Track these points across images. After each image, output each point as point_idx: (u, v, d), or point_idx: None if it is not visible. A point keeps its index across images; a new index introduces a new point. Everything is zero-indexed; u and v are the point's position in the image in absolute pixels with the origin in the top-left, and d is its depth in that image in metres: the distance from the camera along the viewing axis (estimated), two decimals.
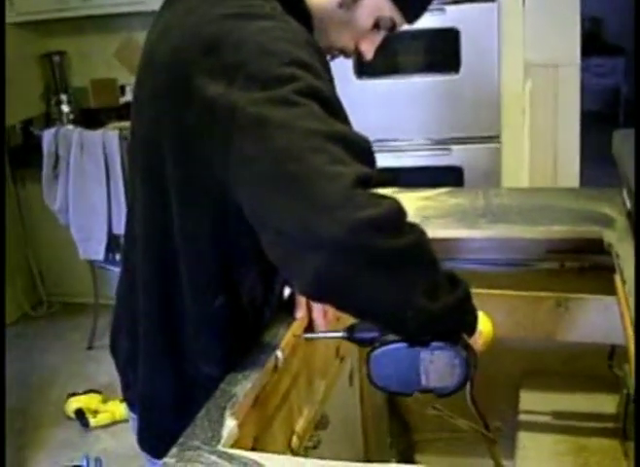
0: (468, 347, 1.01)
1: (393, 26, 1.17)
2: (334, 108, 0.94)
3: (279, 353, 1.19)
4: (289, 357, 1.23)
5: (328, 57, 1.14)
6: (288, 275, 0.96)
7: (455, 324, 1.00)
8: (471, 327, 1.05)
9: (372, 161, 0.94)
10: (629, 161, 1.73)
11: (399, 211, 0.89)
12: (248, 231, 0.95)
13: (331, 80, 1.02)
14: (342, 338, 1.15)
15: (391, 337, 1.02)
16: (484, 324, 1.11)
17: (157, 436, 1.22)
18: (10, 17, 3.90)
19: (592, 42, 7.41)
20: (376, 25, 1.16)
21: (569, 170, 3.45)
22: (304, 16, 1.10)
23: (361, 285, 0.88)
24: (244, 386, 1.09)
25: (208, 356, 1.16)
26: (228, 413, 1.03)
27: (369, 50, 1.19)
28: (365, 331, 1.09)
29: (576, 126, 3.42)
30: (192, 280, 1.11)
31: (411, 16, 1.18)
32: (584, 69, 3.46)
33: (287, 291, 1.34)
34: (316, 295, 0.96)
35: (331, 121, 0.92)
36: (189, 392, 1.17)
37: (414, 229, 0.91)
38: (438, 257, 0.94)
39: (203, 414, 1.04)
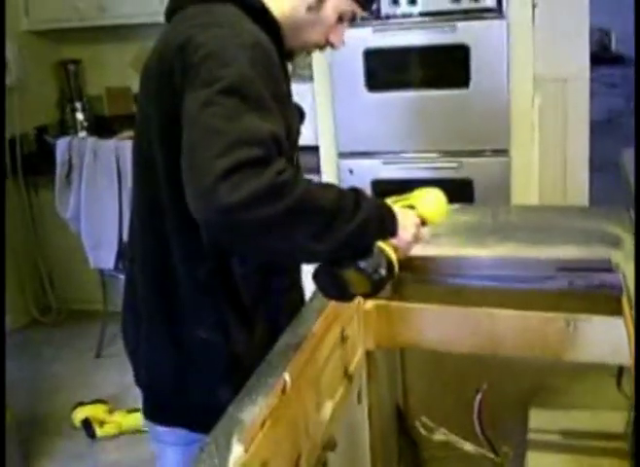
0: (378, 255, 1.19)
1: (354, 16, 1.38)
2: (250, 99, 1.09)
3: (287, 377, 1.20)
4: (297, 379, 1.24)
5: (304, 54, 1.44)
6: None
7: (358, 247, 1.17)
8: (384, 235, 1.21)
9: (268, 145, 1.07)
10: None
11: (270, 184, 1.03)
12: None
13: (269, 72, 1.17)
14: None
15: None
16: (423, 204, 1.32)
17: (159, 403, 1.40)
18: (26, 26, 3.94)
19: (601, 53, 7.41)
20: (340, 19, 1.35)
21: (578, 183, 3.45)
22: (272, 25, 1.29)
23: (251, 247, 1.11)
24: (252, 411, 1.10)
25: (202, 322, 1.30)
26: (235, 438, 1.04)
27: (338, 40, 1.38)
28: None
29: (585, 139, 3.41)
30: (182, 249, 1.28)
31: (368, 5, 1.40)
32: (593, 79, 3.46)
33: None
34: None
35: (239, 115, 1.07)
36: (187, 358, 1.32)
37: (293, 188, 1.06)
38: (327, 199, 1.11)
39: (212, 441, 1.05)
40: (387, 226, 1.22)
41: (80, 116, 4.10)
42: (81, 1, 3.77)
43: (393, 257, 1.21)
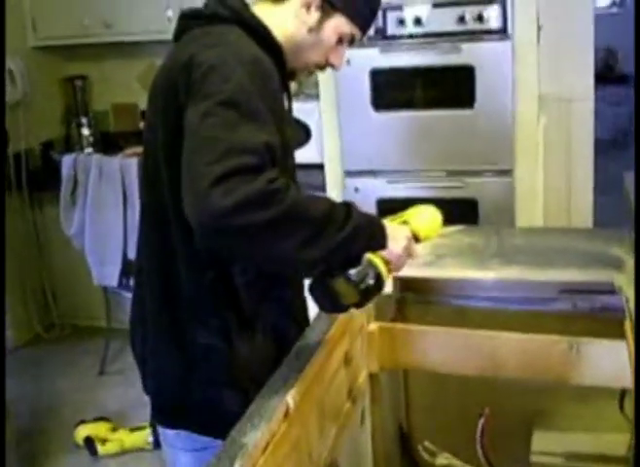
0: (367, 266, 1.22)
1: (353, 38, 1.43)
2: (248, 111, 1.15)
3: (290, 400, 1.20)
4: (300, 402, 1.24)
5: (305, 74, 1.48)
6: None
7: (347, 256, 1.21)
8: (373, 245, 1.24)
9: (262, 154, 1.12)
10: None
11: (262, 191, 1.07)
12: None
13: (267, 88, 1.22)
14: None
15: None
16: (417, 220, 1.35)
17: (166, 407, 1.43)
18: (33, 41, 3.96)
19: (607, 72, 7.44)
20: (340, 40, 1.41)
21: (583, 204, 3.45)
22: (274, 47, 1.34)
23: (242, 251, 1.15)
24: (254, 436, 1.10)
25: (205, 327, 1.34)
26: (238, 463, 1.04)
27: (338, 61, 1.44)
28: None
29: (590, 160, 3.42)
30: (185, 257, 1.32)
31: (366, 27, 1.44)
32: (598, 99, 3.48)
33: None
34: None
35: (236, 125, 1.13)
36: (192, 364, 1.36)
37: (285, 196, 1.10)
38: (317, 208, 1.15)
39: (215, 465, 1.05)
40: (377, 237, 1.26)
41: (85, 131, 4.10)
42: (87, 18, 3.79)
43: (382, 267, 1.24)
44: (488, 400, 1.88)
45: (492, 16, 2.81)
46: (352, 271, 1.22)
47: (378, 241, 1.25)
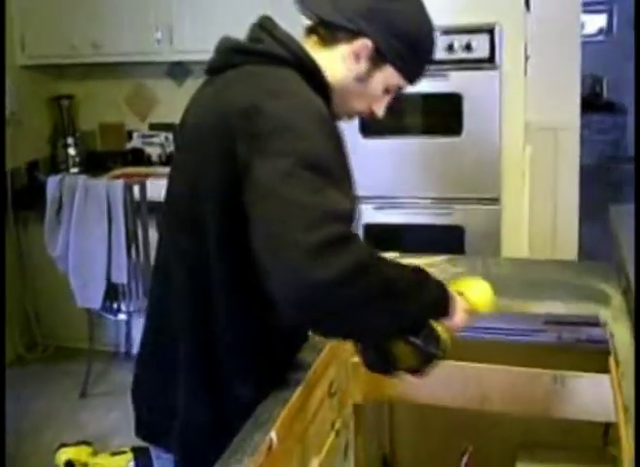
0: (430, 334, 1.22)
1: (400, 89, 1.39)
2: (330, 173, 1.10)
3: (273, 435, 1.19)
4: (283, 437, 1.23)
5: (345, 118, 1.40)
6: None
7: (418, 325, 1.21)
8: (441, 315, 1.23)
9: (349, 220, 1.09)
10: (624, 240, 1.76)
11: (356, 262, 1.04)
12: None
13: (339, 144, 1.19)
14: None
15: None
16: (472, 292, 1.34)
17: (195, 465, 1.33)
18: (21, 60, 3.96)
19: (593, 99, 7.54)
20: (386, 90, 1.37)
21: (568, 232, 3.47)
22: (324, 88, 1.29)
23: (331, 325, 1.10)
24: None
25: (243, 378, 1.29)
26: None
27: (380, 110, 1.40)
28: None
29: (575, 188, 3.45)
30: (229, 310, 1.27)
31: (415, 80, 1.39)
32: (584, 126, 3.51)
33: None
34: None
35: (316, 190, 1.07)
36: (227, 417, 1.29)
37: (375, 266, 1.09)
38: (400, 279, 1.14)
39: None
40: (445, 308, 1.25)
41: (72, 151, 4.11)
42: (76, 38, 3.80)
43: (446, 336, 1.23)
44: (472, 432, 1.87)
45: (481, 45, 2.84)
46: (417, 337, 1.21)
47: (446, 312, 1.25)
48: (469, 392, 1.65)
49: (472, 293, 1.34)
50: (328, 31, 1.32)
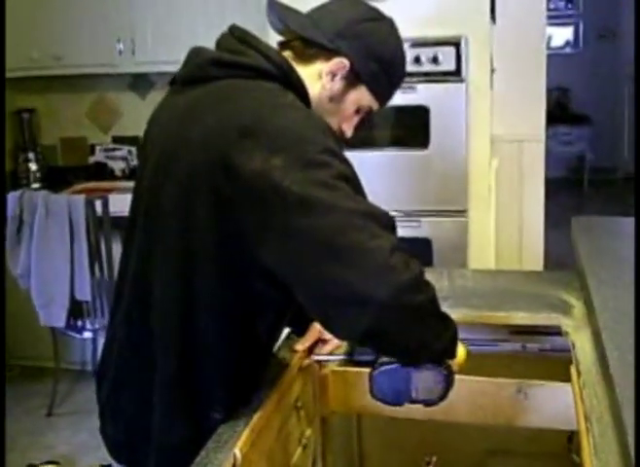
0: (448, 368, 1.26)
1: (370, 110, 1.42)
2: (357, 186, 1.18)
3: (237, 452, 1.19)
4: (248, 453, 1.23)
5: None
6: (331, 328, 1.19)
7: (445, 353, 1.25)
8: (454, 354, 1.28)
9: (395, 230, 1.18)
10: (584, 251, 1.79)
11: (421, 270, 1.12)
12: (269, 290, 1.22)
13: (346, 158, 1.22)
14: (345, 359, 1.53)
15: (385, 358, 1.27)
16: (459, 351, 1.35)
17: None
18: None
19: (559, 111, 7.65)
20: (357, 111, 1.40)
21: (534, 243, 3.51)
22: (307, 103, 1.32)
23: (399, 334, 1.14)
24: None
25: (219, 403, 1.30)
26: None
27: (349, 130, 1.42)
28: (363, 354, 1.41)
29: (540, 200, 3.49)
30: (215, 338, 1.26)
31: (385, 102, 1.43)
32: (550, 137, 3.55)
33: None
34: (360, 342, 1.30)
35: (359, 198, 1.15)
36: (200, 438, 1.26)
37: (428, 282, 1.16)
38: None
39: None
40: (456, 347, 1.29)
41: (33, 166, 4.05)
42: (36, 50, 3.76)
43: (455, 369, 1.29)
44: (440, 442, 1.88)
45: (447, 58, 2.87)
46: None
47: (454, 352, 1.29)
48: None
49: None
50: (306, 47, 1.34)
